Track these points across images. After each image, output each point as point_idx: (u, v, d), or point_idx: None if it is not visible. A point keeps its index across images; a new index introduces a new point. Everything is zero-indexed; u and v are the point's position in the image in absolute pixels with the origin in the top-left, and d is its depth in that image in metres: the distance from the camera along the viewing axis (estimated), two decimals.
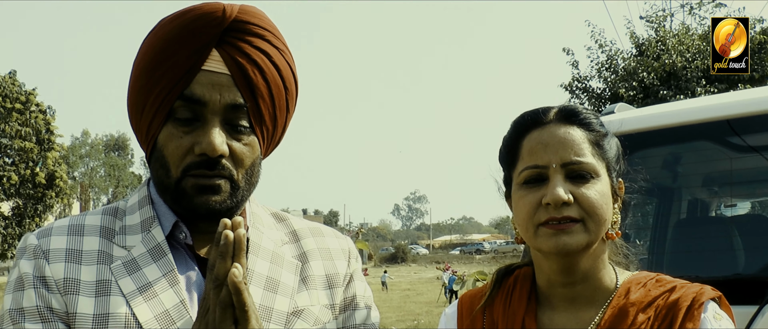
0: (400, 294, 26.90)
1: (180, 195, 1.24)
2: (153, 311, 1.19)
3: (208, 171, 1.22)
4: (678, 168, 3.13)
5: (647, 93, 14.41)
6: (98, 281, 1.21)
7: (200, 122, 1.22)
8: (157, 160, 1.25)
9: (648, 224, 3.31)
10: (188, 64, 1.21)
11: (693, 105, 3.01)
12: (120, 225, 1.28)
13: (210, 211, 1.24)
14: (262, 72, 1.25)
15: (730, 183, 3.11)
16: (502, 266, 1.47)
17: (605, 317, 1.27)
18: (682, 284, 1.29)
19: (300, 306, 1.32)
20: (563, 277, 1.30)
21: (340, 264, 1.41)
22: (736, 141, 2.74)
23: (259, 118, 1.27)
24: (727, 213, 3.75)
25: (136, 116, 1.27)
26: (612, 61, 15.54)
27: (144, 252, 1.24)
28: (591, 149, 1.28)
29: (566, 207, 1.23)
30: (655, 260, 3.08)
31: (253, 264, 1.30)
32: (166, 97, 1.22)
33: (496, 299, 1.39)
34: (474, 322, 1.39)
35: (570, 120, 1.30)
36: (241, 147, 1.25)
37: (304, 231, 1.43)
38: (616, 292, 1.30)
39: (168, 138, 1.23)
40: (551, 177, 1.26)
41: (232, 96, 1.23)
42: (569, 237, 1.23)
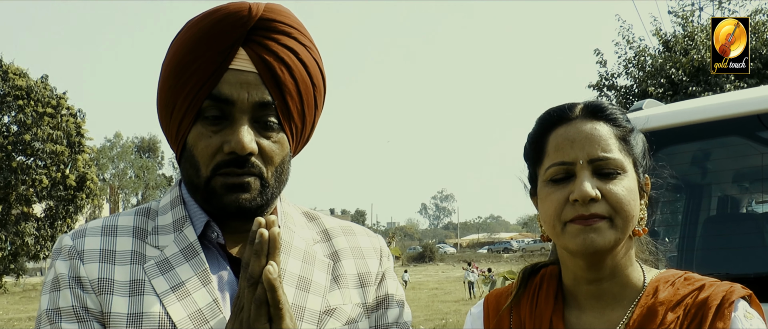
0: (428, 294, 26.86)
1: (210, 194, 1.25)
2: (186, 310, 1.20)
3: (238, 170, 1.23)
4: (707, 164, 3.10)
5: (676, 89, 14.22)
6: (132, 281, 1.22)
7: (229, 121, 1.23)
8: (187, 160, 1.26)
9: (677, 221, 3.27)
10: (216, 63, 1.22)
11: (722, 100, 2.97)
12: (152, 225, 1.30)
13: (240, 209, 1.24)
14: (290, 69, 1.26)
15: (761, 179, 3.07)
16: (527, 265, 1.46)
17: (634, 316, 1.25)
18: (711, 282, 1.27)
19: (332, 306, 1.32)
20: (590, 274, 1.29)
21: (371, 263, 1.42)
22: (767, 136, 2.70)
23: (288, 116, 1.27)
24: (759, 209, 3.70)
25: (166, 117, 1.28)
26: (639, 58, 15.37)
27: (176, 251, 1.26)
28: (618, 145, 1.27)
29: (594, 203, 1.22)
30: (684, 257, 3.05)
31: (285, 263, 1.31)
32: (195, 97, 1.23)
33: (522, 298, 1.39)
34: (501, 322, 1.38)
35: (596, 115, 1.29)
36: (270, 145, 1.26)
37: (335, 229, 1.43)
38: (644, 291, 1.28)
39: (197, 137, 1.24)
40: (578, 173, 1.24)
41: (260, 94, 1.23)
42: (597, 235, 1.22)
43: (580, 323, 1.31)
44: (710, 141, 2.88)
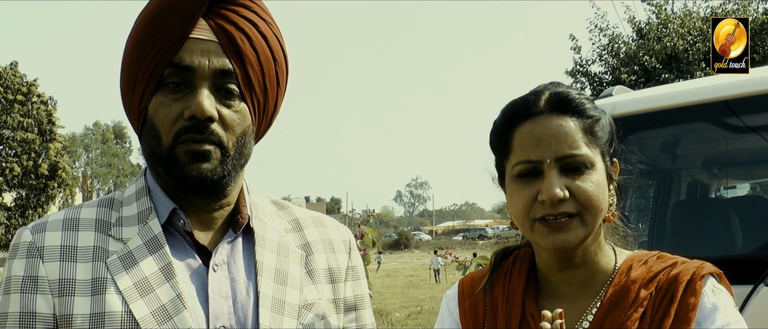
0: (403, 281, 26.96)
1: (172, 164, 1.23)
2: (149, 307, 1.18)
3: (198, 136, 1.22)
4: (677, 150, 3.14)
5: (649, 77, 14.37)
6: (93, 278, 1.19)
7: (189, 88, 1.23)
8: (149, 131, 1.25)
9: (648, 206, 3.32)
10: (177, 32, 1.22)
11: (691, 86, 3.01)
12: (116, 216, 1.27)
13: (201, 180, 1.23)
14: (250, 39, 1.27)
15: (728, 164, 3.12)
16: (499, 249, 1.47)
17: (608, 294, 1.28)
18: (683, 260, 1.30)
19: (309, 300, 1.32)
20: (561, 263, 1.31)
21: (341, 258, 1.41)
22: (735, 122, 2.74)
23: (249, 86, 1.27)
24: (726, 195, 3.76)
25: (129, 91, 1.27)
26: (613, 45, 15.50)
27: (140, 244, 1.23)
28: (584, 139, 1.27)
29: (562, 203, 1.23)
30: (655, 241, 3.09)
31: (261, 257, 1.30)
32: (156, 66, 1.22)
33: (496, 281, 1.40)
34: (476, 303, 1.39)
35: (562, 109, 1.28)
36: (230, 113, 1.25)
37: (306, 220, 1.42)
38: (617, 270, 1.31)
39: (158, 106, 1.23)
40: (546, 172, 1.25)
41: (221, 62, 1.24)
42: (567, 234, 1.24)
43: (552, 306, 1.32)
44: (679, 127, 2.92)
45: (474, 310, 1.39)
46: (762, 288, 2.19)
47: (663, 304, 1.24)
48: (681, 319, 1.21)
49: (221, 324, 1.22)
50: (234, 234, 1.30)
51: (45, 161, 29.60)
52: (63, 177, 30.34)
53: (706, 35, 14.34)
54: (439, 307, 1.53)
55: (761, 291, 2.19)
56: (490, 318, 1.36)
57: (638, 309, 1.24)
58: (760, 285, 2.20)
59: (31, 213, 29.21)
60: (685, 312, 1.22)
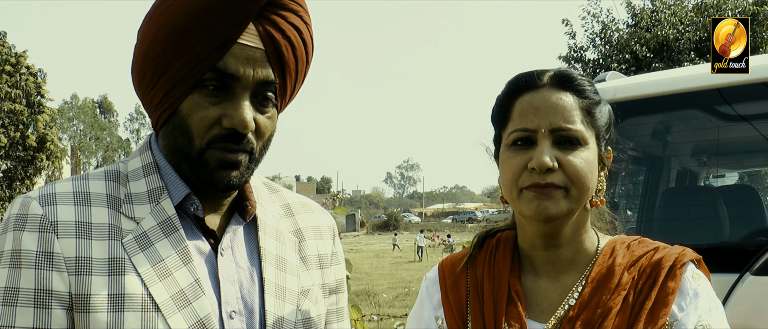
0: (392, 262, 27.06)
1: (201, 167, 1.20)
2: (168, 291, 1.15)
3: (234, 145, 1.19)
4: (667, 137, 3.14)
5: (640, 65, 14.39)
6: (111, 258, 1.15)
7: (229, 94, 1.18)
8: (178, 128, 1.19)
9: (638, 192, 3.33)
10: (225, 35, 1.15)
11: (683, 73, 3.01)
12: (125, 192, 1.22)
13: (228, 186, 1.22)
14: (294, 48, 1.23)
15: (718, 153, 3.12)
16: (482, 231, 1.48)
17: (592, 273, 1.29)
18: (664, 246, 1.33)
19: (305, 286, 1.32)
20: (545, 241, 1.32)
21: (327, 244, 1.42)
22: (726, 110, 2.74)
23: (284, 93, 1.25)
24: (715, 183, 3.78)
25: (152, 80, 1.20)
26: (606, 32, 15.49)
27: (154, 225, 1.19)
28: (581, 116, 1.29)
29: (550, 173, 1.24)
30: (643, 228, 3.10)
31: (264, 243, 1.29)
32: (196, 66, 1.16)
33: (478, 260, 1.41)
34: (457, 284, 1.40)
35: (563, 85, 1.30)
36: (264, 120, 1.23)
37: (296, 205, 1.42)
38: (600, 252, 1.33)
39: (194, 107, 1.18)
40: (539, 141, 1.26)
41: (265, 72, 1.19)
42: (551, 203, 1.25)
43: (536, 286, 1.34)
44: (670, 113, 2.92)
45: (456, 292, 1.39)
46: (748, 276, 2.20)
47: (645, 288, 1.26)
48: (660, 303, 1.24)
49: (232, 309, 1.21)
50: (242, 221, 1.29)
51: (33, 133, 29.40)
52: (51, 149, 30.16)
53: (696, 25, 14.35)
54: None
55: (747, 280, 2.20)
56: (474, 299, 1.36)
57: (622, 291, 1.26)
58: (746, 274, 2.21)
59: (18, 185, 29.05)
60: (664, 296, 1.24)
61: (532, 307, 1.33)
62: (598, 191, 1.32)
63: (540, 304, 1.33)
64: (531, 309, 1.32)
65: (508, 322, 1.30)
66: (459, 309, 1.37)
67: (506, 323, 1.30)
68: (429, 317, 1.42)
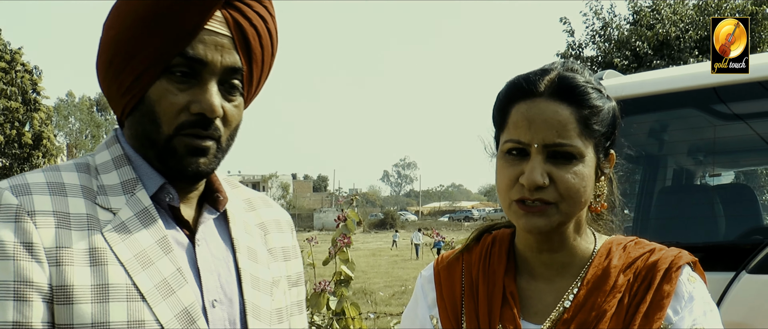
0: (388, 260, 27.06)
1: (169, 154, 1.20)
2: (152, 280, 1.14)
3: (202, 131, 1.20)
4: (664, 136, 3.15)
5: (641, 62, 14.42)
6: (92, 248, 1.13)
7: (197, 80, 1.19)
8: (146, 115, 1.20)
9: (634, 191, 3.33)
10: (193, 21, 1.17)
11: (680, 72, 3.01)
12: (97, 184, 1.21)
13: (197, 173, 1.22)
14: (260, 37, 1.25)
15: (714, 152, 3.13)
16: (484, 225, 1.48)
17: (588, 276, 1.29)
18: (660, 247, 1.32)
19: (275, 277, 1.34)
20: (540, 245, 1.32)
21: (288, 237, 1.44)
22: (723, 109, 2.75)
23: (250, 82, 1.27)
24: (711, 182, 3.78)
25: (120, 66, 1.21)
26: (606, 29, 15.51)
27: (132, 215, 1.19)
28: (578, 129, 1.24)
29: (541, 190, 1.23)
30: (639, 226, 3.11)
31: (236, 234, 1.30)
32: (165, 52, 1.17)
33: (474, 259, 1.40)
34: (452, 283, 1.39)
35: (561, 95, 1.25)
36: (232, 108, 1.24)
37: (256, 200, 1.43)
38: (596, 253, 1.32)
39: (161, 93, 1.19)
40: (532, 156, 1.24)
41: (232, 58, 1.21)
42: (540, 219, 1.24)
43: (531, 287, 1.34)
44: (667, 112, 2.92)
45: (451, 291, 1.38)
46: (744, 274, 2.21)
47: (640, 290, 1.25)
48: (655, 306, 1.23)
49: (213, 298, 1.22)
50: (216, 212, 1.30)
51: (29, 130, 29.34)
52: (48, 147, 30.09)
53: (697, 24, 14.37)
54: None
55: (743, 278, 2.21)
56: (468, 299, 1.36)
57: (616, 294, 1.26)
58: (742, 272, 2.22)
59: None
60: (659, 299, 1.24)
61: (527, 309, 1.32)
62: (598, 196, 1.31)
63: (535, 306, 1.32)
64: (526, 310, 1.32)
65: (502, 323, 1.30)
66: (454, 308, 1.36)
67: (501, 324, 1.30)
68: (423, 315, 1.42)
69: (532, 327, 1.29)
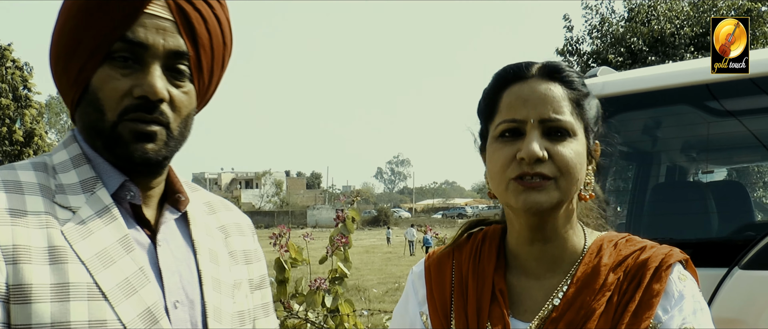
0: (382, 257, 27.07)
1: (114, 141, 1.18)
2: (114, 279, 1.12)
3: (147, 116, 1.18)
4: (657, 132, 3.15)
5: (635, 59, 14.46)
6: (51, 247, 1.10)
7: (140, 65, 1.18)
8: (90, 103, 1.19)
9: (627, 187, 3.34)
10: (133, 5, 1.17)
11: (673, 69, 3.02)
12: (55, 183, 1.18)
13: (145, 160, 1.19)
14: (205, 21, 1.24)
15: (707, 149, 3.14)
16: (474, 219, 1.47)
17: (578, 274, 1.28)
18: (652, 245, 1.30)
19: (237, 279, 1.33)
20: (533, 234, 1.30)
21: (250, 241, 1.43)
22: (716, 105, 2.76)
23: (199, 68, 1.25)
24: (704, 179, 3.80)
25: (67, 58, 1.20)
26: (603, 25, 15.56)
27: (92, 214, 1.16)
28: (570, 108, 1.27)
29: (540, 163, 1.23)
30: (633, 223, 3.12)
31: (197, 236, 1.29)
32: (105, 38, 1.17)
33: (464, 256, 1.40)
34: (442, 280, 1.39)
35: (552, 76, 1.29)
36: (179, 94, 1.22)
37: (216, 203, 1.42)
38: (587, 250, 1.31)
39: (104, 79, 1.17)
40: (528, 132, 1.25)
41: (176, 42, 1.20)
42: (540, 195, 1.23)
43: (521, 284, 1.33)
44: (660, 109, 2.93)
45: (441, 288, 1.38)
46: (736, 270, 2.22)
47: (630, 289, 1.24)
48: (644, 304, 1.22)
49: (176, 299, 1.20)
50: (176, 212, 1.28)
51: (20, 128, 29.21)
52: (39, 144, 29.97)
53: (692, 20, 14.42)
54: None
55: (736, 274, 2.22)
56: (458, 296, 1.35)
57: (606, 293, 1.24)
58: (735, 268, 2.23)
59: None
60: (649, 298, 1.22)
61: (517, 306, 1.31)
62: (586, 184, 1.31)
63: (524, 303, 1.31)
64: (515, 307, 1.31)
65: (491, 321, 1.29)
66: (443, 306, 1.36)
67: (489, 322, 1.29)
68: (414, 312, 1.41)
69: (521, 325, 1.28)
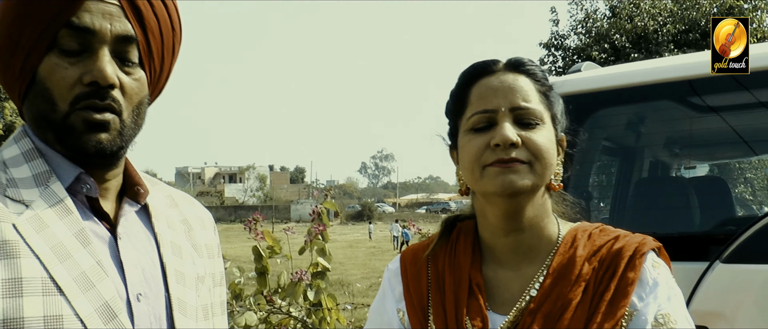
0: (365, 252, 27.09)
1: (66, 133, 1.16)
2: (71, 273, 1.09)
3: (99, 103, 1.15)
4: (641, 127, 3.17)
5: (618, 55, 14.54)
6: (2, 241, 1.07)
7: (88, 52, 1.16)
8: (39, 95, 1.16)
9: (611, 182, 3.36)
10: None
11: (656, 64, 3.04)
12: (6, 178, 1.15)
13: (99, 151, 1.17)
14: (152, 6, 1.22)
15: (690, 144, 3.16)
16: (449, 216, 1.47)
17: (553, 265, 1.29)
18: (625, 234, 1.33)
19: (200, 273, 1.32)
20: (508, 224, 1.32)
21: (211, 236, 1.42)
22: (698, 102, 2.78)
23: (149, 55, 1.23)
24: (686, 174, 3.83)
25: (9, 50, 1.17)
26: (588, 21, 15.63)
27: (46, 208, 1.13)
28: (539, 97, 1.32)
29: (514, 148, 1.26)
30: (616, 217, 3.14)
31: (159, 228, 1.27)
32: (49, 25, 1.14)
33: (439, 252, 1.40)
34: (419, 276, 1.39)
35: (518, 69, 1.33)
36: (130, 81, 1.20)
37: (178, 197, 1.41)
38: (561, 241, 1.33)
39: (52, 69, 1.15)
40: (500, 120, 1.28)
41: (123, 26, 1.18)
42: (516, 176, 1.25)
43: (497, 276, 1.34)
44: (644, 104, 2.94)
45: (418, 285, 1.38)
46: (717, 264, 2.24)
47: (605, 278, 1.26)
48: (620, 293, 1.24)
49: (138, 292, 1.18)
50: (136, 205, 1.26)
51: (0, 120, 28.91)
52: None
53: (675, 17, 14.52)
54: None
55: (717, 268, 2.24)
56: (435, 292, 1.35)
57: (582, 283, 1.26)
58: (716, 262, 2.24)
59: None
60: (624, 287, 1.25)
61: (494, 298, 1.32)
62: (555, 174, 1.33)
63: (501, 295, 1.32)
64: (492, 300, 1.32)
65: (469, 315, 1.29)
66: (420, 302, 1.36)
67: (467, 317, 1.29)
68: (391, 309, 1.41)
69: (499, 317, 1.29)
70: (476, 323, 1.28)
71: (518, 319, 1.27)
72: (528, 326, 1.24)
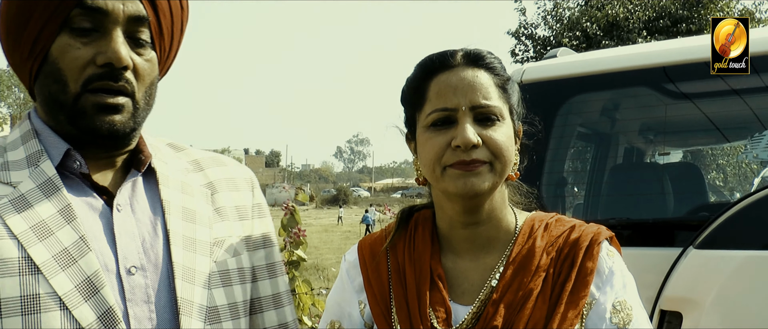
0: (340, 236, 27.11)
1: (78, 114, 1.16)
2: (50, 251, 1.10)
3: (113, 84, 1.15)
4: (616, 114, 3.18)
5: (590, 43, 14.62)
6: None
7: (100, 32, 1.15)
8: (50, 75, 1.16)
9: (585, 168, 3.37)
10: None
11: (631, 51, 3.05)
12: (1, 161, 1.17)
13: (112, 133, 1.17)
14: None
15: (664, 131, 3.18)
16: (405, 207, 1.47)
17: (513, 253, 1.30)
18: (580, 224, 1.35)
19: (220, 237, 1.29)
20: (466, 218, 1.32)
21: (246, 196, 1.40)
22: (673, 88, 2.79)
23: (160, 34, 1.22)
24: (660, 160, 3.86)
25: (20, 29, 1.16)
26: (557, 9, 15.67)
27: (33, 187, 1.14)
28: (497, 92, 1.30)
29: (475, 149, 1.25)
30: (590, 203, 3.15)
31: (166, 195, 1.26)
32: (61, 5, 1.13)
33: (398, 242, 1.39)
34: (379, 268, 1.38)
35: (477, 63, 1.31)
36: (142, 62, 1.19)
37: (206, 160, 1.39)
38: (519, 231, 1.34)
39: (64, 49, 1.14)
40: (460, 119, 1.27)
41: (135, 7, 1.17)
42: (477, 179, 1.26)
43: (457, 266, 1.34)
44: (619, 91, 2.95)
45: (378, 277, 1.37)
46: (691, 250, 2.26)
47: (564, 268, 1.28)
48: (580, 283, 1.27)
49: (131, 264, 1.17)
50: (137, 173, 1.25)
51: None
52: None
53: (646, 4, 14.62)
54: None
55: (690, 253, 2.26)
56: (396, 285, 1.35)
57: (541, 273, 1.28)
58: (689, 248, 2.26)
59: None
60: (584, 276, 1.27)
61: (454, 289, 1.33)
62: (514, 164, 1.34)
63: (461, 285, 1.33)
64: (453, 290, 1.32)
65: (432, 306, 1.29)
66: (382, 294, 1.35)
67: (431, 308, 1.29)
68: (351, 300, 1.41)
69: (461, 308, 1.30)
70: (440, 315, 1.28)
71: (481, 310, 1.27)
72: (491, 316, 1.25)
